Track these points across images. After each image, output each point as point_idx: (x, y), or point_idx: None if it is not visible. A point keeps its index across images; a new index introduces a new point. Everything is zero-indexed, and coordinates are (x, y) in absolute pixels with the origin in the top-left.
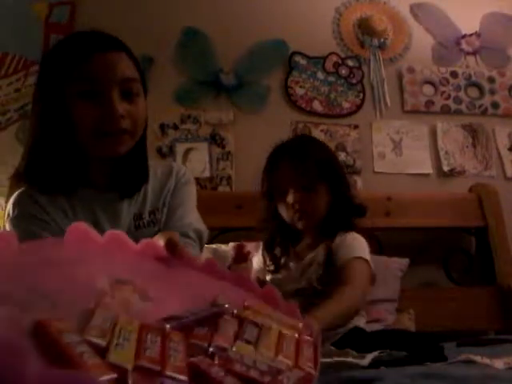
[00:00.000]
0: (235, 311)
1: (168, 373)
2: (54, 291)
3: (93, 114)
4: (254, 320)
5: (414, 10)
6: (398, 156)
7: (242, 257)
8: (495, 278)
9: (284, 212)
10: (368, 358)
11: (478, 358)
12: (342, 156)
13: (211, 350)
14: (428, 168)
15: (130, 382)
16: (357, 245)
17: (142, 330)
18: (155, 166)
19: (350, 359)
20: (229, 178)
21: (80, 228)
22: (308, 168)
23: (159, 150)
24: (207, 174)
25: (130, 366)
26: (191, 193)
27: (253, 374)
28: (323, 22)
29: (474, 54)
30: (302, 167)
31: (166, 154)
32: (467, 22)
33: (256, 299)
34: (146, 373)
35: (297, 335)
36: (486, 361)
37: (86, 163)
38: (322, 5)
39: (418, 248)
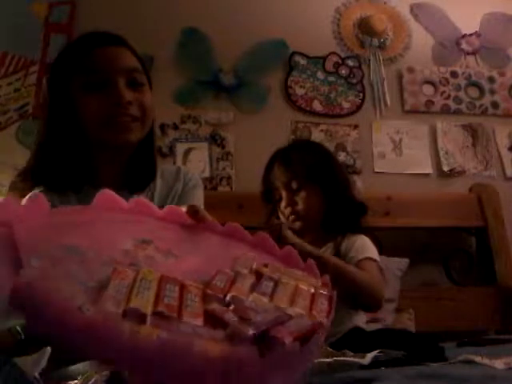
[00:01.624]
0: (254, 266)
1: (185, 318)
2: (82, 247)
3: (100, 103)
4: (271, 275)
5: (414, 10)
6: (398, 156)
7: None
8: (495, 277)
9: (281, 216)
10: (368, 358)
11: (477, 358)
12: (341, 156)
13: (227, 299)
14: (428, 168)
15: (148, 322)
16: (366, 247)
17: (162, 280)
18: (162, 168)
19: (350, 358)
20: (229, 178)
21: (107, 194)
22: (295, 171)
23: (159, 150)
24: (207, 174)
25: (149, 311)
26: (199, 197)
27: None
28: (323, 22)
29: (473, 53)
30: (290, 171)
31: (166, 153)
32: (467, 21)
33: (276, 261)
34: (164, 318)
35: (313, 290)
36: (486, 361)
37: (95, 162)
38: (321, 5)
39: (418, 248)
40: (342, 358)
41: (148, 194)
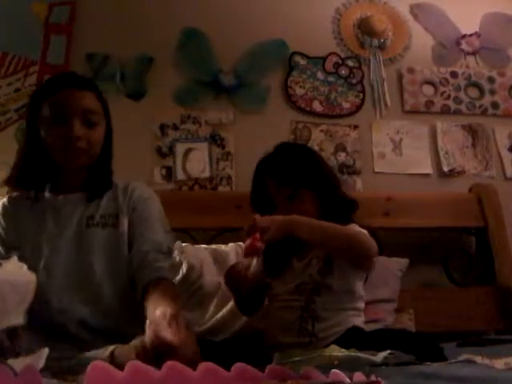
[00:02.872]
0: None
1: None
2: None
3: (59, 135)
4: None
5: (414, 10)
6: (398, 156)
7: (253, 249)
8: (495, 277)
9: None
10: (380, 356)
11: (478, 358)
12: (342, 156)
13: None
14: (428, 168)
15: None
16: (358, 227)
17: None
18: (117, 183)
19: (362, 355)
20: (229, 178)
21: (99, 367)
22: (287, 178)
23: (159, 150)
24: (207, 174)
25: None
26: (156, 207)
27: None
28: (323, 22)
29: (473, 54)
30: (282, 178)
31: (166, 153)
32: (467, 21)
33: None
34: None
35: None
36: (486, 361)
37: (58, 176)
38: (321, 5)
39: (418, 248)
40: (354, 354)
41: (94, 203)
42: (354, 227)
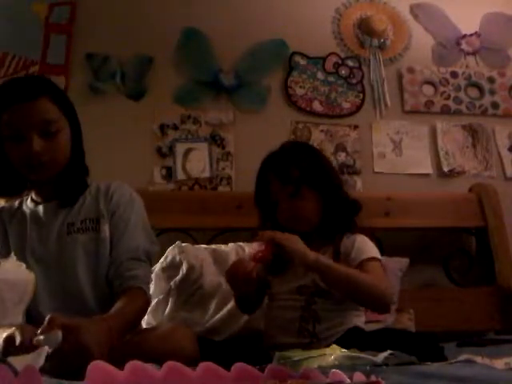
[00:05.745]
0: None
1: None
2: None
3: (19, 153)
4: None
5: (414, 10)
6: (398, 156)
7: (262, 259)
8: (495, 278)
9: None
10: (381, 357)
11: (478, 358)
12: (342, 156)
13: None
14: (428, 168)
15: None
16: (366, 247)
17: None
18: (98, 184)
19: (363, 355)
20: (229, 178)
21: (99, 367)
22: (290, 175)
23: (159, 150)
24: (207, 174)
25: None
26: (137, 210)
27: None
28: (323, 22)
29: (473, 54)
30: (285, 176)
31: (166, 153)
32: (467, 21)
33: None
34: None
35: None
36: (486, 361)
37: (28, 185)
38: (321, 5)
39: (418, 248)
40: (354, 354)
41: (76, 206)
42: (379, 273)
